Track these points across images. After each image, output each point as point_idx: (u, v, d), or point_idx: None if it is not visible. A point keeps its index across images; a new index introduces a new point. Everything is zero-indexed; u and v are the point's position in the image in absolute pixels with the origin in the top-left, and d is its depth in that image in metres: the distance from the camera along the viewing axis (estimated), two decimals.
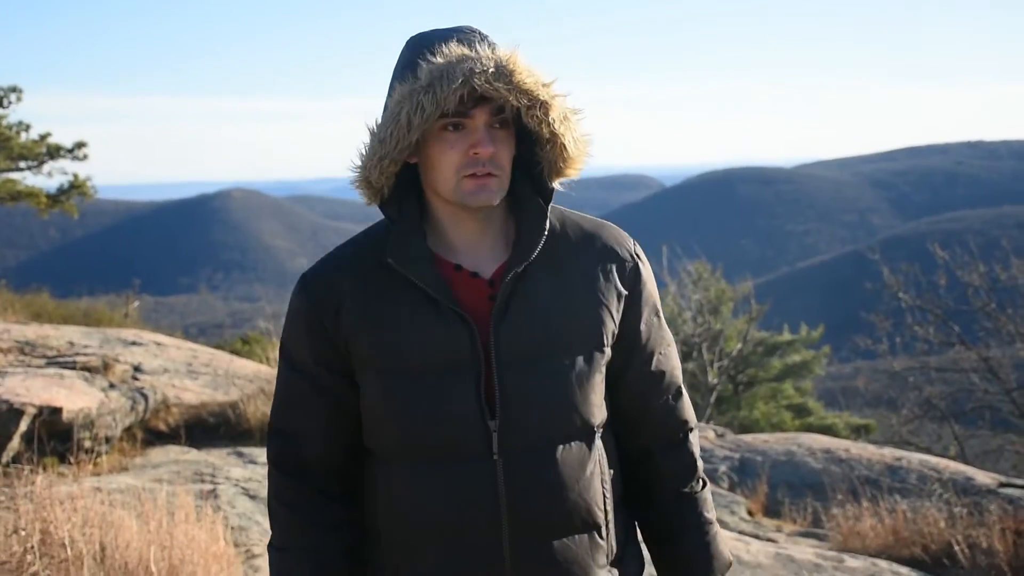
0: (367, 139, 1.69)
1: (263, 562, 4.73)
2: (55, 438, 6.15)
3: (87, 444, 6.21)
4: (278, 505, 1.80)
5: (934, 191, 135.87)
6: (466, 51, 1.62)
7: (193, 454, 6.75)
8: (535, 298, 1.72)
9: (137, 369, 8.43)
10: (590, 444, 1.74)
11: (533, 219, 1.74)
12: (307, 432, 1.79)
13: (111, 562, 3.84)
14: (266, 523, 5.36)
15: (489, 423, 1.68)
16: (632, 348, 1.82)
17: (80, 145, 16.95)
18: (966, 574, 6.06)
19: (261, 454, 6.84)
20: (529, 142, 1.73)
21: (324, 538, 1.77)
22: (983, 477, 8.77)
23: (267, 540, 5.29)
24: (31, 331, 9.62)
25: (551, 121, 1.66)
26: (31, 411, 6.12)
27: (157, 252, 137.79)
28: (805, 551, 6.13)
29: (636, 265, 1.82)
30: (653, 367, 1.84)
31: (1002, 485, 8.47)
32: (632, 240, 1.85)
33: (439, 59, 1.62)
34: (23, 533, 3.90)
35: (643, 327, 1.82)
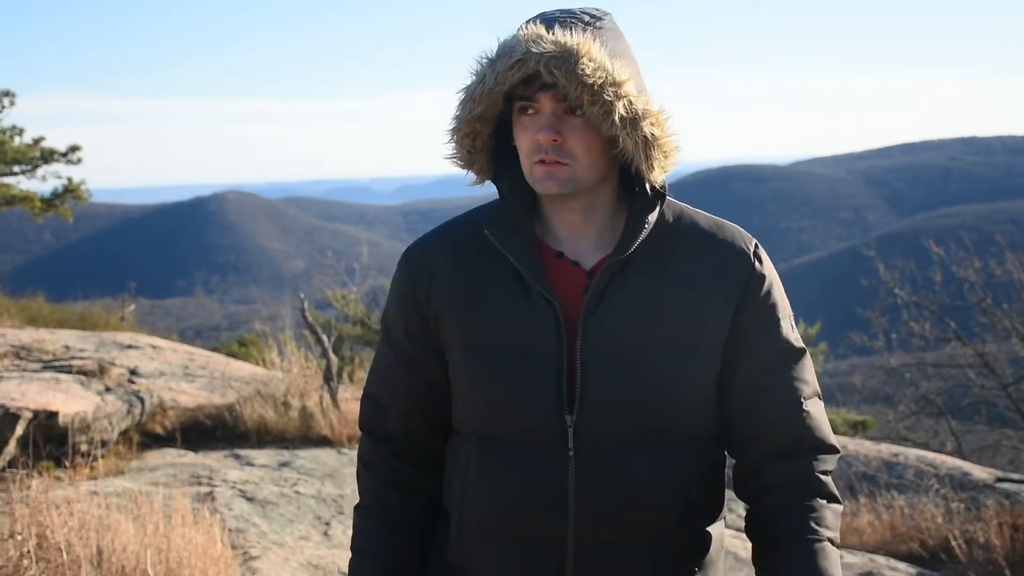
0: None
1: (261, 564, 4.73)
2: (51, 442, 6.14)
3: (83, 448, 6.20)
4: (361, 465, 1.83)
5: (928, 187, 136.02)
6: (541, 31, 1.57)
7: (190, 457, 6.74)
8: (631, 293, 1.65)
9: (133, 372, 8.42)
10: (676, 452, 1.66)
11: (638, 213, 1.67)
12: (392, 402, 1.80)
13: (108, 566, 3.83)
14: (263, 525, 5.36)
15: (567, 417, 1.64)
16: (742, 355, 1.69)
17: (74, 149, 16.92)
18: (963, 569, 6.07)
19: (258, 456, 6.84)
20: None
21: (397, 502, 1.78)
22: (980, 472, 8.80)
23: (264, 543, 5.28)
24: (26, 335, 9.60)
25: (611, 123, 1.58)
26: (27, 415, 6.11)
27: (152, 255, 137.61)
28: None
29: (753, 267, 1.70)
30: (769, 378, 1.69)
31: (999, 480, 8.49)
32: (754, 241, 1.73)
33: (514, 31, 1.61)
34: (19, 537, 3.89)
35: (756, 334, 1.69)
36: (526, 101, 1.61)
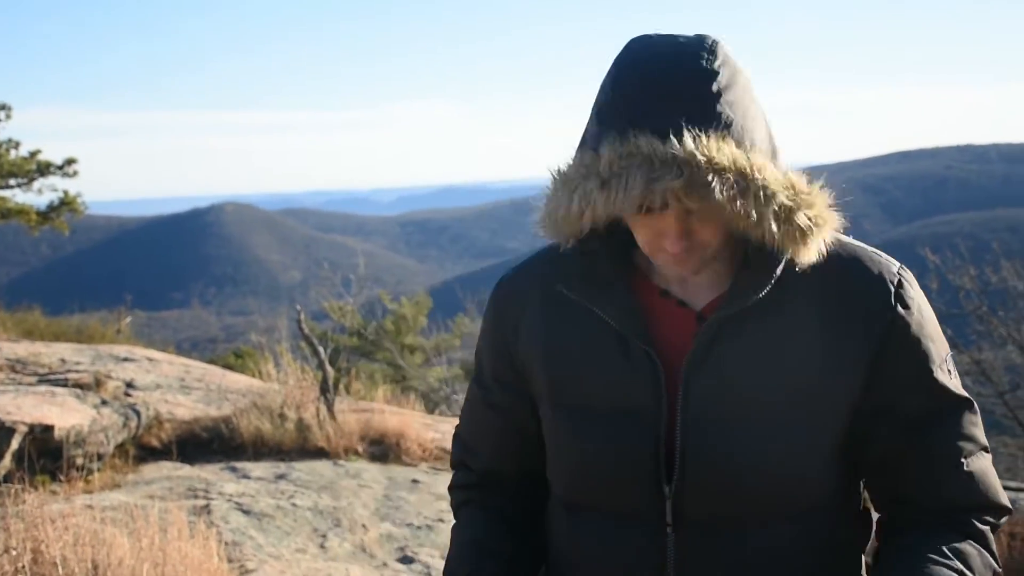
0: (556, 172, 1.37)
1: None
2: (46, 456, 6.13)
3: (79, 461, 6.19)
4: (452, 498, 1.70)
5: (925, 195, 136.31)
6: (655, 149, 1.25)
7: (186, 470, 6.72)
8: (745, 345, 1.39)
9: (129, 385, 8.40)
10: (796, 526, 1.41)
11: (761, 252, 1.38)
12: (480, 446, 1.64)
13: None
14: (259, 538, 5.34)
15: (665, 487, 1.40)
16: (882, 414, 1.41)
17: (70, 162, 16.95)
18: None
19: (255, 468, 6.83)
20: None
21: (484, 518, 1.61)
22: None
23: (260, 556, 5.26)
24: (22, 348, 9.60)
25: (765, 228, 1.30)
26: (22, 429, 6.10)
27: (149, 267, 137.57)
28: None
29: (895, 312, 1.40)
30: (916, 440, 1.42)
31: None
32: (897, 276, 1.42)
33: (624, 146, 1.27)
34: (14, 552, 3.88)
35: (898, 390, 1.41)
36: (646, 214, 1.33)
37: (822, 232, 1.35)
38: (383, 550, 5.51)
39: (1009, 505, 1.47)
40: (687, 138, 1.25)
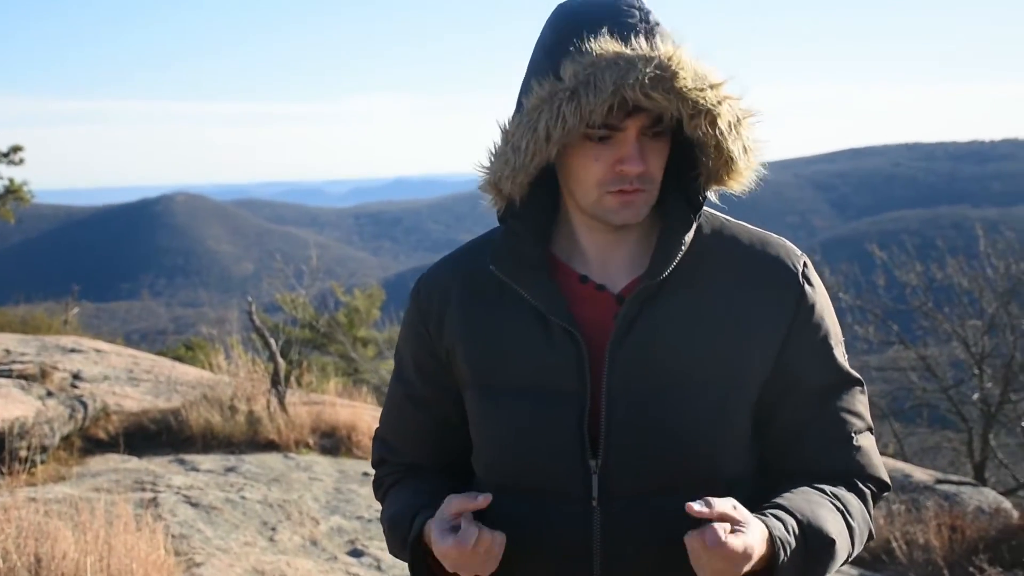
0: (498, 140, 1.45)
1: (205, 570, 4.68)
2: None
3: (22, 454, 6.09)
4: (375, 488, 1.69)
5: (874, 192, 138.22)
6: (620, 48, 1.35)
7: (134, 462, 6.65)
8: (665, 321, 1.45)
9: (76, 376, 8.29)
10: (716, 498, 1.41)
11: (674, 230, 1.48)
12: (403, 444, 1.65)
13: (47, 573, 3.78)
14: (207, 531, 5.30)
15: (590, 462, 1.44)
16: (788, 389, 1.49)
17: (16, 149, 16.64)
18: (904, 570, 6.17)
19: (204, 461, 6.77)
20: (687, 144, 1.47)
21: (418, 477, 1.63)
22: (921, 474, 8.95)
23: (208, 549, 5.22)
24: None
25: (718, 132, 1.40)
26: None
27: (98, 257, 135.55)
28: None
29: (802, 289, 1.50)
30: (816, 412, 1.49)
31: (939, 482, 8.65)
32: (803, 259, 1.53)
33: (585, 56, 1.35)
34: None
35: (803, 364, 1.49)
36: (609, 130, 1.40)
37: (752, 162, 1.45)
38: (333, 543, 5.50)
39: (888, 481, 1.57)
40: (641, 39, 1.36)
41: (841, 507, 1.45)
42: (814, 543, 1.39)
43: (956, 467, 14.04)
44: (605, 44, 1.35)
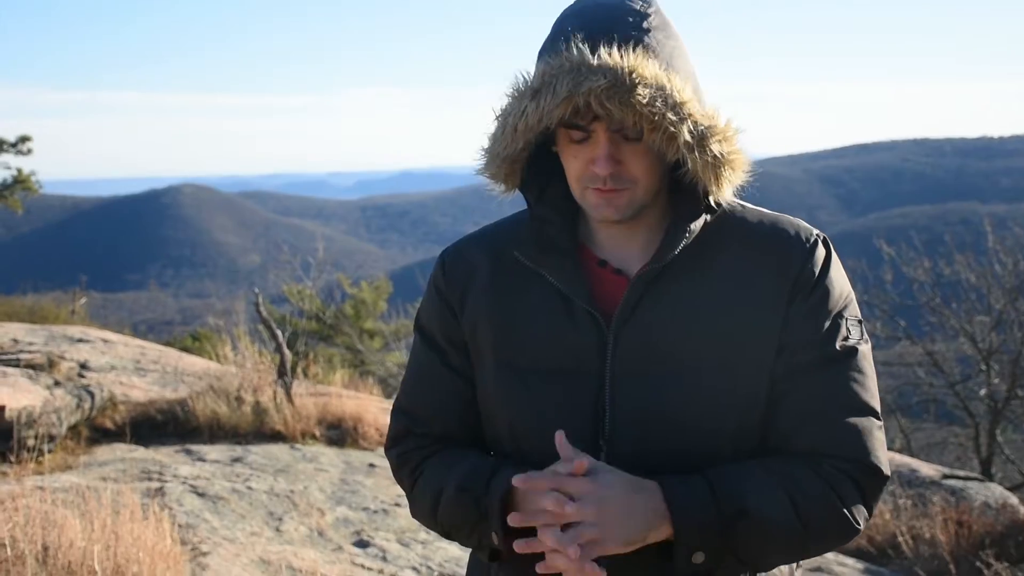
0: (493, 127, 1.50)
1: (211, 560, 4.69)
2: None
3: (30, 443, 6.11)
4: (406, 462, 1.65)
5: (882, 187, 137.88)
6: (584, 57, 1.38)
7: (140, 452, 6.66)
8: (667, 303, 1.48)
9: (83, 366, 8.31)
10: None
11: (682, 219, 1.50)
12: (432, 414, 1.64)
13: (54, 562, 3.78)
14: (214, 520, 5.31)
15: (600, 442, 1.48)
16: (796, 365, 1.48)
17: (24, 139, 16.67)
18: (910, 564, 6.16)
19: (210, 451, 6.78)
20: None
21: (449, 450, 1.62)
22: (927, 469, 8.93)
23: (214, 539, 5.23)
24: None
25: (676, 148, 1.41)
26: None
27: (105, 248, 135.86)
28: None
29: (811, 264, 1.49)
30: (797, 383, 1.48)
31: (945, 477, 8.63)
32: (815, 234, 1.53)
33: (555, 59, 1.40)
34: None
35: (811, 340, 1.48)
36: (577, 130, 1.45)
37: (734, 170, 1.45)
38: (339, 534, 5.50)
39: (887, 472, 1.49)
40: (614, 50, 1.38)
41: (783, 480, 1.43)
42: (728, 506, 1.39)
43: (963, 462, 14.02)
44: (574, 51, 1.39)
